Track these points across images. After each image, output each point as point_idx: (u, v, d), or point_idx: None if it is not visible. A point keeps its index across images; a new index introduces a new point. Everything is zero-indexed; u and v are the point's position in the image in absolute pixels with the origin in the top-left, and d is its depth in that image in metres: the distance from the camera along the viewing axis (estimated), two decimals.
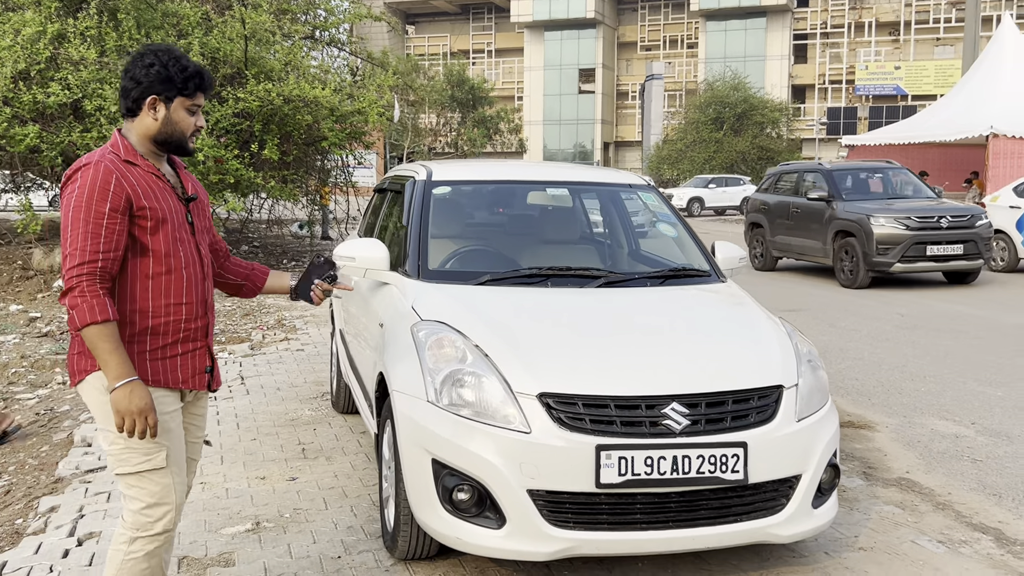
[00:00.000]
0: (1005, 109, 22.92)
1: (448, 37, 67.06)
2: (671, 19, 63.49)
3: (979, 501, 4.65)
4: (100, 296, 2.58)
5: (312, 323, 9.91)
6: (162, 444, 2.73)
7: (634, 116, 63.25)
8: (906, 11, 58.00)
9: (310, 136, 13.71)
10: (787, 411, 3.53)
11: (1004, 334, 9.31)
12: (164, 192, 2.77)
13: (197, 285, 2.84)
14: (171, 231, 2.75)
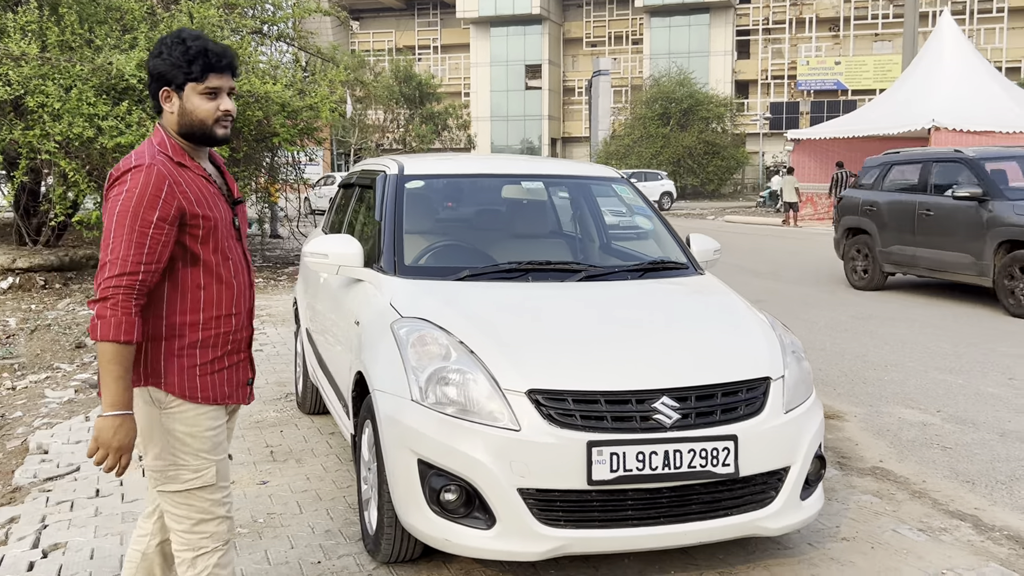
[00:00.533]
0: (946, 103, 23.44)
1: (393, 33, 66.58)
2: (616, 15, 63.75)
3: (953, 488, 4.69)
4: (131, 315, 2.39)
5: (268, 322, 9.72)
6: (212, 460, 2.60)
7: (581, 112, 63.43)
8: (845, 7, 58.93)
9: (260, 132, 13.48)
10: (775, 403, 3.51)
11: (951, 320, 9.46)
12: (214, 197, 2.59)
13: (244, 294, 2.69)
14: (221, 239, 2.59)
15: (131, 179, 2.44)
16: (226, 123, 2.59)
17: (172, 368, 2.54)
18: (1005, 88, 25.00)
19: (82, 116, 11.12)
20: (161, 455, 2.56)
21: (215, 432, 2.63)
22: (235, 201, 2.72)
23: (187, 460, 2.57)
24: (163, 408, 2.55)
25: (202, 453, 2.59)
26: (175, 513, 2.60)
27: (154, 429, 2.54)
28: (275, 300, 11.47)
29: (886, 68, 57.12)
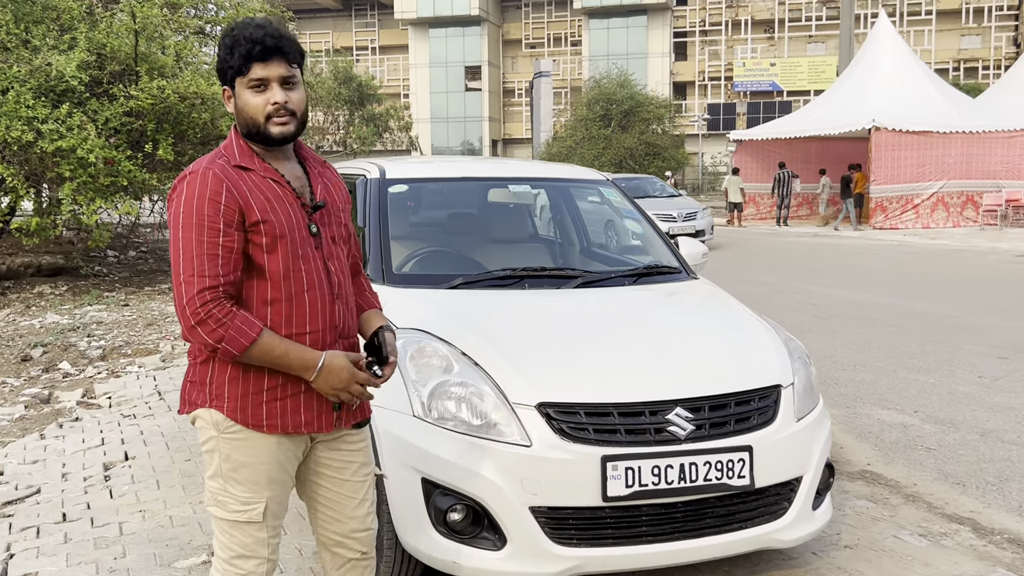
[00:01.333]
0: (885, 103, 23.87)
1: (331, 34, 65.87)
2: (555, 17, 63.92)
3: (945, 491, 4.67)
4: (240, 314, 2.21)
5: None
6: (262, 496, 2.35)
7: (521, 113, 63.45)
8: (780, 9, 59.89)
9: (207, 135, 13.11)
10: (787, 411, 3.42)
11: (913, 321, 9.57)
12: (283, 200, 2.31)
13: (324, 309, 2.35)
14: (290, 248, 2.29)
15: (185, 189, 2.23)
16: (281, 118, 2.28)
17: (234, 392, 2.30)
18: (940, 89, 25.55)
19: (20, 119, 10.69)
20: (215, 477, 2.37)
21: (277, 466, 2.36)
22: (314, 206, 2.40)
23: (237, 491, 2.34)
24: (221, 432, 2.33)
25: (255, 486, 2.35)
26: (219, 539, 2.40)
27: (214, 450, 2.35)
28: None
29: (820, 69, 58.21)
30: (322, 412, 2.39)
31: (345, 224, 2.52)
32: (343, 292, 2.44)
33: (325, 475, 2.52)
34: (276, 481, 2.39)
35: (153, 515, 4.36)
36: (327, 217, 2.43)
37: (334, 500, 2.54)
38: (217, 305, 2.18)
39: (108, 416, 6.21)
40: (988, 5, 56.69)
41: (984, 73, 56.01)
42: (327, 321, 2.37)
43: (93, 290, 12.30)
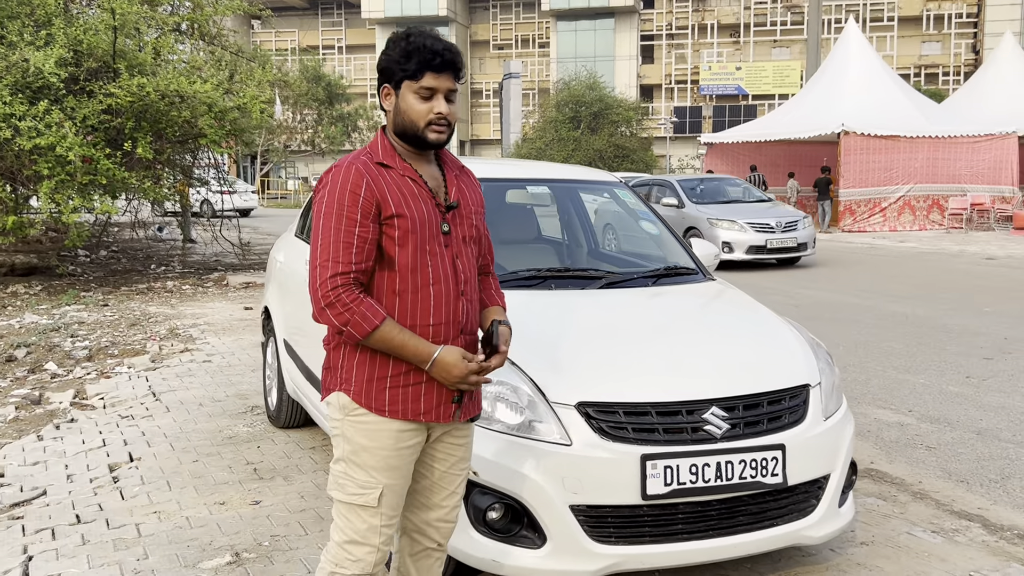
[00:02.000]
0: (854, 108, 24.23)
1: (297, 32, 65.46)
2: (522, 18, 64.10)
3: (951, 488, 4.76)
4: (365, 300, 2.34)
5: (210, 332, 9.35)
6: (379, 482, 2.44)
7: (489, 114, 63.52)
8: (745, 14, 60.54)
9: (185, 133, 13.00)
10: (815, 410, 3.48)
11: (896, 322, 9.73)
12: (418, 198, 2.43)
13: (448, 304, 2.45)
14: (420, 243, 2.41)
15: (330, 181, 2.40)
16: (440, 127, 2.42)
17: (360, 376, 2.43)
18: (908, 94, 25.98)
19: None
20: (339, 460, 2.49)
21: (396, 452, 2.44)
22: (449, 205, 2.50)
23: (356, 473, 2.45)
24: (347, 414, 2.45)
25: (373, 470, 2.44)
26: (336, 522, 2.51)
27: (340, 434, 2.47)
28: (209, 308, 11.05)
29: (784, 74, 58.93)
30: (441, 402, 2.47)
31: (476, 225, 2.60)
32: (468, 289, 2.52)
33: (427, 463, 2.60)
34: (394, 468, 2.46)
35: (169, 516, 4.33)
36: (459, 217, 2.53)
37: (427, 488, 2.62)
38: (346, 290, 2.31)
39: (105, 417, 6.13)
40: (948, 13, 57.75)
41: (944, 79, 57.03)
42: (449, 315, 2.46)
43: (70, 290, 12.14)
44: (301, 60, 42.22)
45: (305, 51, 55.99)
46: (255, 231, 22.78)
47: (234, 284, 13.36)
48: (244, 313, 10.63)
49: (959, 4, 57.73)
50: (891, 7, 58.23)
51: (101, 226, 16.43)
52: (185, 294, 12.35)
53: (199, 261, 16.62)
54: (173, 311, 10.74)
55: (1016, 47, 28.79)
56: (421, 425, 2.48)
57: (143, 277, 14.08)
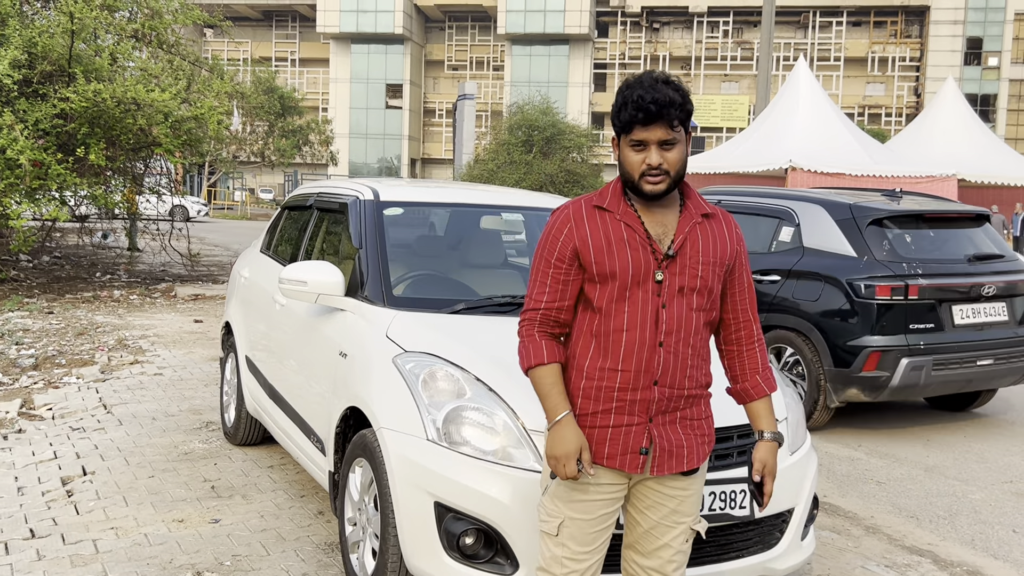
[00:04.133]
0: (801, 144, 24.74)
1: (250, 43, 64.95)
2: (478, 40, 64.46)
3: (902, 523, 4.89)
4: (536, 340, 2.51)
5: (160, 344, 9.20)
6: (562, 512, 2.51)
7: (441, 134, 63.62)
8: (697, 47, 61.60)
9: (139, 141, 12.82)
10: (782, 445, 3.55)
11: None
12: (626, 244, 2.43)
13: (641, 352, 2.43)
14: (618, 288, 2.43)
15: (548, 223, 2.55)
16: (655, 178, 2.40)
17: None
18: (854, 134, 26.61)
19: None
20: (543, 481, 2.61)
21: (580, 487, 2.48)
22: (666, 255, 2.45)
23: (547, 501, 2.56)
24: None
25: (558, 500, 2.52)
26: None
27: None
28: (158, 319, 10.88)
29: (733, 108, 60.00)
30: (628, 451, 2.47)
31: (703, 277, 2.48)
32: (672, 341, 2.45)
33: (639, 510, 2.60)
34: (577, 503, 2.49)
35: (127, 533, 4.26)
36: (678, 267, 2.46)
37: (642, 535, 2.62)
38: (528, 325, 2.53)
39: (55, 429, 6.01)
40: (892, 56, 59.39)
41: (887, 120, 58.57)
42: (641, 364, 2.44)
43: (13, 296, 11.86)
44: (254, 71, 41.84)
45: (258, 62, 55.64)
46: (202, 242, 22.48)
47: (183, 296, 13.17)
48: (194, 326, 10.49)
49: (903, 48, 59.44)
50: (838, 48, 59.73)
51: (45, 231, 16.08)
52: (132, 304, 12.14)
53: (145, 271, 16.34)
54: (121, 321, 10.55)
55: (957, 93, 29.67)
56: (612, 470, 2.50)
57: (88, 285, 13.80)
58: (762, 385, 2.67)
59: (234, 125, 20.00)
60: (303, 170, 52.81)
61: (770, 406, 2.68)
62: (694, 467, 2.55)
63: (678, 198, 2.53)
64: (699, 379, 2.56)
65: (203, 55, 20.61)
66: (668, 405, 2.48)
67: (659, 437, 2.48)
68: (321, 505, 4.71)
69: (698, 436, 2.56)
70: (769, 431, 2.65)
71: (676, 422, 2.51)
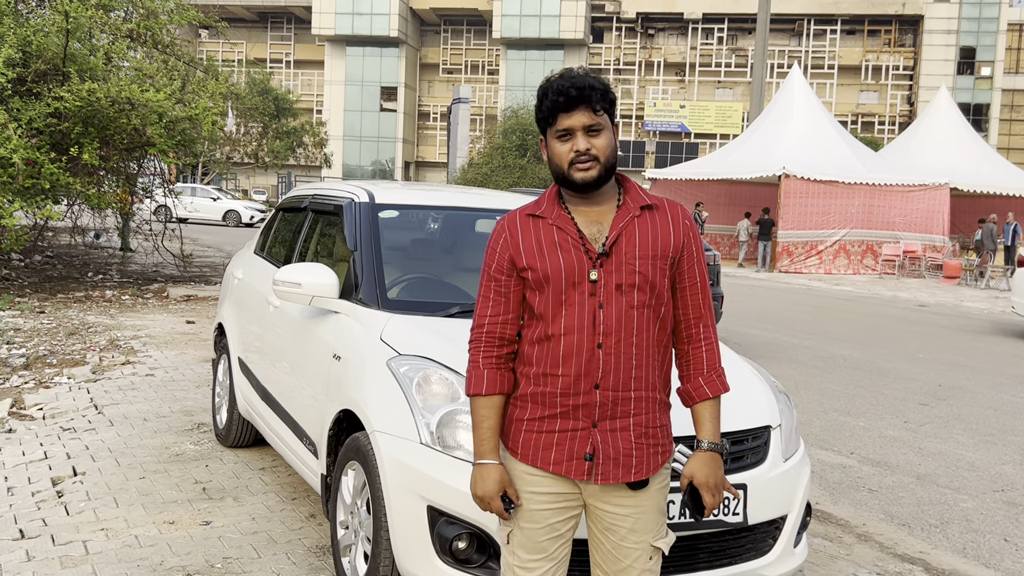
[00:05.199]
0: (794, 152, 24.84)
1: (245, 44, 64.88)
2: (473, 44, 64.49)
3: (893, 531, 4.89)
4: (479, 368, 2.43)
5: (152, 345, 9.17)
6: (513, 521, 2.43)
7: (435, 137, 63.64)
8: (691, 54, 61.71)
9: (133, 141, 12.78)
10: (776, 452, 3.56)
11: (834, 364, 9.97)
12: (557, 247, 2.35)
13: (580, 356, 2.32)
14: (554, 293, 2.34)
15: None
16: (584, 164, 2.31)
17: (511, 416, 2.45)
18: (847, 141, 26.72)
19: None
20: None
21: (527, 496, 2.39)
22: (600, 253, 2.34)
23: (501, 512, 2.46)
24: (504, 452, 2.47)
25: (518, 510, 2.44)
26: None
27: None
28: (150, 320, 10.85)
29: (727, 115, 60.12)
30: (572, 457, 2.36)
31: (642, 272, 2.35)
32: (611, 342, 2.33)
33: (601, 528, 2.45)
34: (527, 512, 2.40)
35: (117, 534, 4.24)
36: (613, 265, 2.35)
37: (606, 554, 2.47)
38: (474, 347, 2.47)
39: (45, 429, 5.98)
40: (886, 64, 59.60)
41: (880, 128, 58.75)
42: (581, 368, 2.33)
43: (4, 295, 11.81)
44: (248, 72, 41.79)
45: (252, 63, 55.53)
46: (195, 243, 22.44)
47: (175, 296, 13.13)
48: (186, 327, 10.46)
49: (896, 57, 59.66)
50: (832, 56, 59.91)
51: (37, 230, 16.03)
52: (124, 304, 12.10)
53: (138, 271, 16.30)
54: (113, 321, 10.52)
55: (950, 102, 29.81)
56: (559, 477, 2.39)
57: (80, 285, 13.76)
58: (704, 388, 2.46)
59: (228, 126, 19.98)
60: (297, 172, 52.75)
61: (714, 412, 2.47)
62: (643, 478, 2.38)
63: (616, 194, 2.43)
64: (650, 381, 2.39)
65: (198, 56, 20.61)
66: (613, 410, 2.35)
67: (603, 443, 2.34)
68: (313, 508, 4.70)
69: (651, 445, 2.39)
70: (707, 440, 2.44)
71: (628, 429, 2.36)
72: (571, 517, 2.45)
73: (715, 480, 2.42)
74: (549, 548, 2.44)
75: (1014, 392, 8.86)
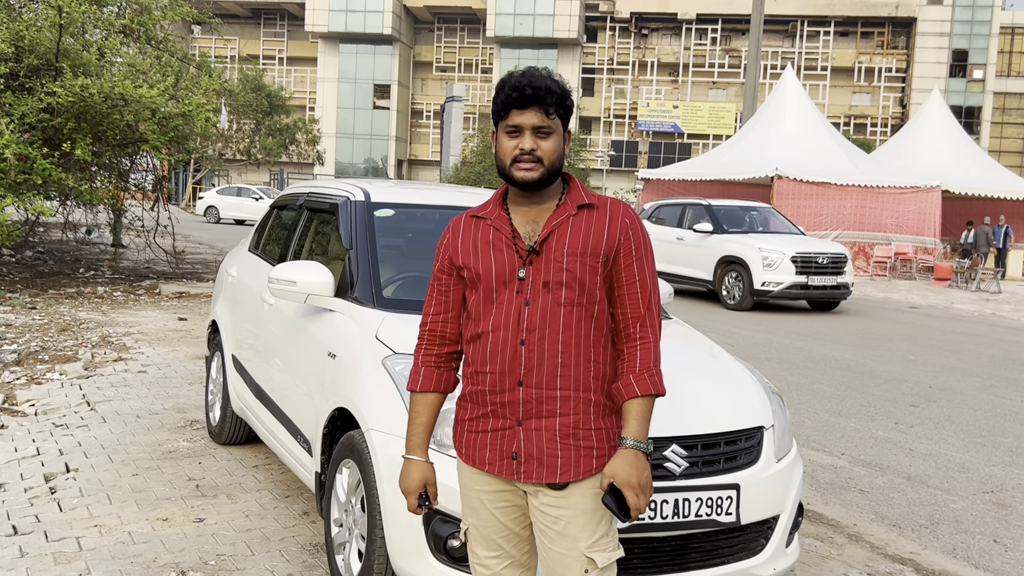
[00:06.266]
0: (787, 153, 24.89)
1: (238, 41, 64.72)
2: (466, 43, 64.48)
3: (884, 532, 4.92)
4: (417, 366, 2.53)
5: (144, 341, 9.16)
6: (467, 520, 2.52)
7: (428, 135, 63.57)
8: (685, 54, 61.83)
9: (126, 137, 12.76)
10: (768, 452, 3.58)
11: (826, 365, 10.00)
12: (490, 246, 2.37)
13: (504, 353, 2.32)
14: (485, 291, 2.37)
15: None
16: (526, 164, 2.30)
17: (456, 417, 2.52)
18: (840, 143, 26.78)
19: None
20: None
21: (472, 495, 2.47)
22: (529, 249, 2.34)
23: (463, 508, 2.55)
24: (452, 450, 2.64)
25: (463, 508, 2.53)
26: None
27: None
28: (142, 316, 10.83)
29: (719, 115, 60.24)
30: (502, 456, 2.37)
31: (569, 269, 2.32)
32: (535, 339, 2.32)
33: (535, 527, 2.42)
34: (474, 511, 2.48)
35: (110, 531, 4.24)
36: (542, 262, 2.34)
37: (541, 557, 2.44)
38: (417, 345, 2.56)
39: (37, 425, 5.97)
40: (879, 66, 59.80)
41: (872, 130, 58.96)
42: (505, 365, 2.33)
43: None
44: (241, 69, 41.67)
45: (245, 60, 55.41)
46: (187, 239, 22.38)
47: (167, 293, 13.11)
48: (178, 324, 10.44)
49: (889, 59, 59.85)
50: (825, 57, 60.08)
51: (29, 226, 15.98)
52: (116, 301, 12.08)
53: (130, 267, 16.26)
54: (105, 318, 10.49)
55: (943, 104, 29.92)
56: (495, 477, 2.40)
57: (72, 281, 13.72)
58: (633, 385, 2.35)
59: (222, 123, 19.94)
60: (289, 169, 52.64)
61: (641, 410, 2.34)
62: (569, 480, 2.32)
63: (559, 194, 2.42)
64: (580, 380, 2.34)
65: (191, 52, 20.56)
66: (539, 408, 2.32)
67: (526, 442, 2.33)
68: (306, 505, 4.70)
69: (583, 448, 2.33)
70: (629, 438, 2.31)
71: (553, 429, 2.32)
72: (522, 516, 2.45)
73: (638, 479, 2.27)
74: (505, 546, 2.47)
75: (1004, 394, 8.91)
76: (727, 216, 16.56)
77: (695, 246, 16.27)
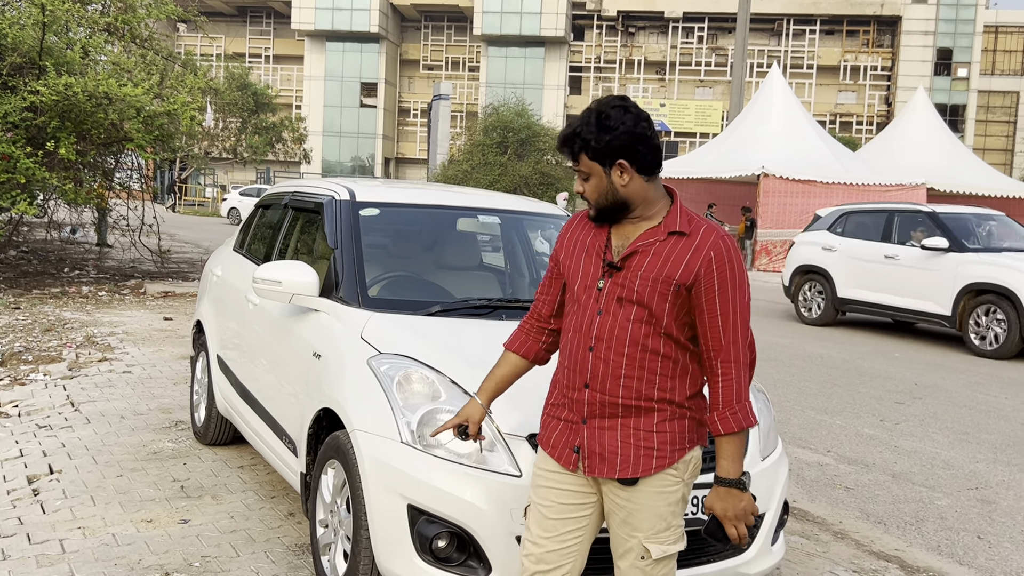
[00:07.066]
0: (774, 151, 24.95)
1: (223, 39, 64.41)
2: (454, 41, 64.35)
3: (869, 529, 4.93)
4: (518, 329, 2.86)
5: (129, 341, 9.11)
6: (531, 497, 2.67)
7: (415, 133, 63.44)
8: (671, 52, 61.85)
9: (110, 136, 12.68)
10: (753, 450, 3.58)
11: (812, 363, 10.04)
12: (583, 251, 2.59)
13: (576, 353, 2.53)
14: (576, 292, 2.58)
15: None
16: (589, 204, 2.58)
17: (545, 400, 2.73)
18: (825, 141, 26.86)
19: None
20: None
21: (539, 473, 2.63)
22: (611, 264, 2.50)
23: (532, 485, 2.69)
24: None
25: (532, 485, 2.66)
26: None
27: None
28: (127, 316, 10.77)
29: (706, 113, 60.30)
30: (566, 447, 2.57)
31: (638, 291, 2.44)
32: (602, 348, 2.47)
33: (607, 508, 2.60)
34: (538, 488, 2.62)
35: (94, 533, 4.21)
36: (620, 278, 2.48)
37: (611, 534, 2.64)
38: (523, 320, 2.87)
39: (20, 426, 5.93)
40: (864, 65, 59.98)
41: (858, 128, 59.13)
42: (575, 365, 2.53)
43: None
44: (227, 67, 41.45)
45: (231, 58, 55.18)
46: (172, 239, 22.27)
47: (152, 293, 13.04)
48: (164, 323, 10.39)
49: (874, 57, 60.04)
50: (811, 56, 60.22)
51: (12, 225, 15.87)
52: (101, 300, 12.01)
53: (115, 267, 16.17)
54: (89, 318, 10.43)
55: (928, 103, 30.04)
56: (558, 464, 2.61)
57: (56, 280, 13.64)
58: (717, 424, 2.44)
59: (207, 121, 19.84)
60: (276, 167, 52.46)
61: (730, 448, 2.44)
62: (628, 476, 2.47)
63: (658, 212, 2.52)
64: (642, 392, 2.45)
65: (176, 50, 20.44)
66: (602, 410, 2.49)
67: (588, 439, 2.51)
68: (292, 506, 4.68)
69: (644, 448, 2.47)
70: (722, 475, 2.45)
71: (615, 429, 2.48)
72: (583, 504, 2.58)
73: (734, 512, 2.46)
74: (559, 528, 2.57)
75: (988, 391, 8.96)
76: (960, 228, 12.19)
77: (921, 268, 12.07)
